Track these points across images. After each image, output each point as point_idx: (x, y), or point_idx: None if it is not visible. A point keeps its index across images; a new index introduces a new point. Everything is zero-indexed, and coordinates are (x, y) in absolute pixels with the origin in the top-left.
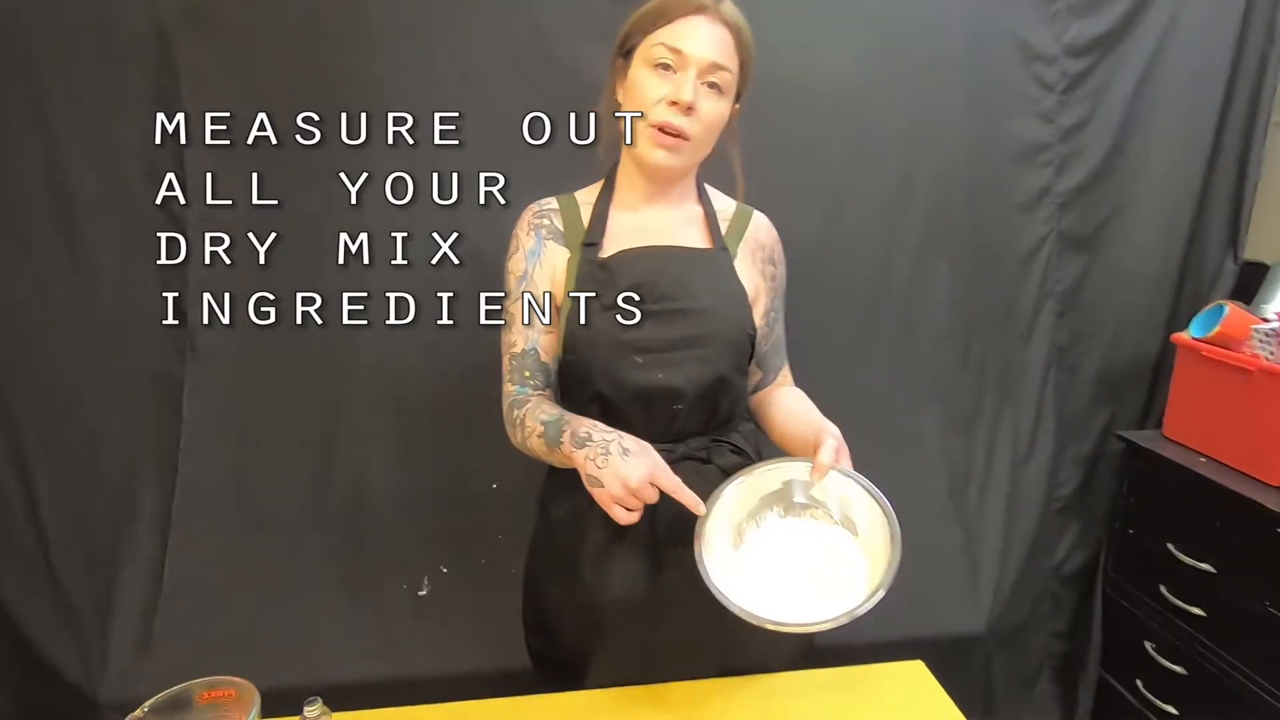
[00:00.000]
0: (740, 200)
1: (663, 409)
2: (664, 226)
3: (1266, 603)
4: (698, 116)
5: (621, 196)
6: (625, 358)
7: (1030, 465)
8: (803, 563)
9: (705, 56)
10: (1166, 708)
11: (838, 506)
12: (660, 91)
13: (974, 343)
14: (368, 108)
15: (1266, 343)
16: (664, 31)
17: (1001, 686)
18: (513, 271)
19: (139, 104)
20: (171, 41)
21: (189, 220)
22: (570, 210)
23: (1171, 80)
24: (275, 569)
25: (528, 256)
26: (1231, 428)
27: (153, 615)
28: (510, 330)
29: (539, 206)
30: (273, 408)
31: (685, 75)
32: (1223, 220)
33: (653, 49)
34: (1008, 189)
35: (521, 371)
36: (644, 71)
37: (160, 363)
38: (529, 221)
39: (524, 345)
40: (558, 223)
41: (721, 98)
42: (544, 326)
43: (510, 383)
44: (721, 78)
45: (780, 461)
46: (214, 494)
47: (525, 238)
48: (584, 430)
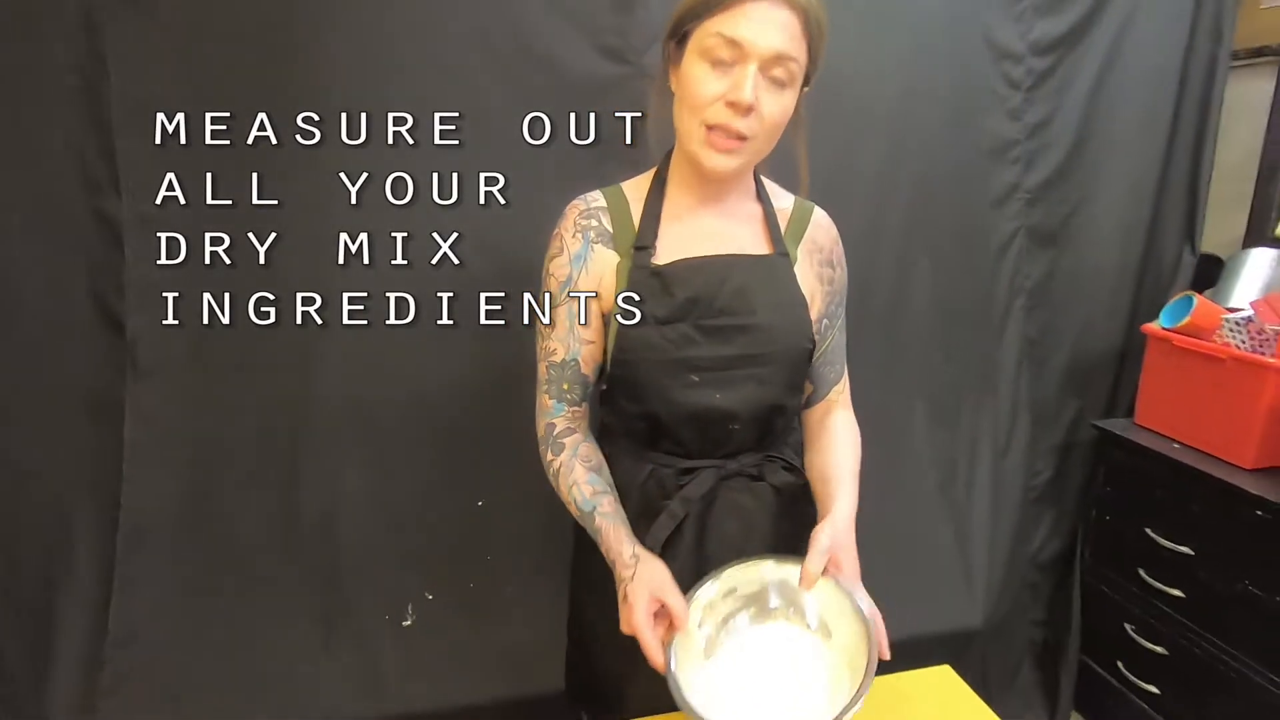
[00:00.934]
0: (804, 195)
1: (717, 429)
2: (721, 230)
3: (1246, 582)
4: (759, 115)
5: (674, 194)
6: (680, 376)
7: (1009, 457)
8: (773, 674)
9: (767, 48)
10: (1149, 687)
11: (816, 611)
12: (716, 89)
13: (954, 338)
14: (323, 102)
15: (1237, 331)
16: (720, 19)
17: (992, 678)
18: (554, 275)
19: (63, 95)
20: (100, 26)
21: (125, 220)
22: (619, 208)
23: (1128, 79)
24: (239, 606)
25: (573, 261)
26: (1204, 414)
27: (98, 669)
28: (550, 338)
29: (585, 204)
30: (228, 426)
31: (744, 70)
32: (1179, 215)
33: (708, 39)
34: (981, 186)
35: (560, 384)
36: (698, 64)
37: (96, 382)
38: (575, 222)
39: (565, 355)
40: (606, 223)
41: (786, 90)
42: (587, 336)
43: (548, 395)
44: (787, 69)
45: (758, 561)
46: (164, 527)
47: (571, 240)
48: (611, 555)
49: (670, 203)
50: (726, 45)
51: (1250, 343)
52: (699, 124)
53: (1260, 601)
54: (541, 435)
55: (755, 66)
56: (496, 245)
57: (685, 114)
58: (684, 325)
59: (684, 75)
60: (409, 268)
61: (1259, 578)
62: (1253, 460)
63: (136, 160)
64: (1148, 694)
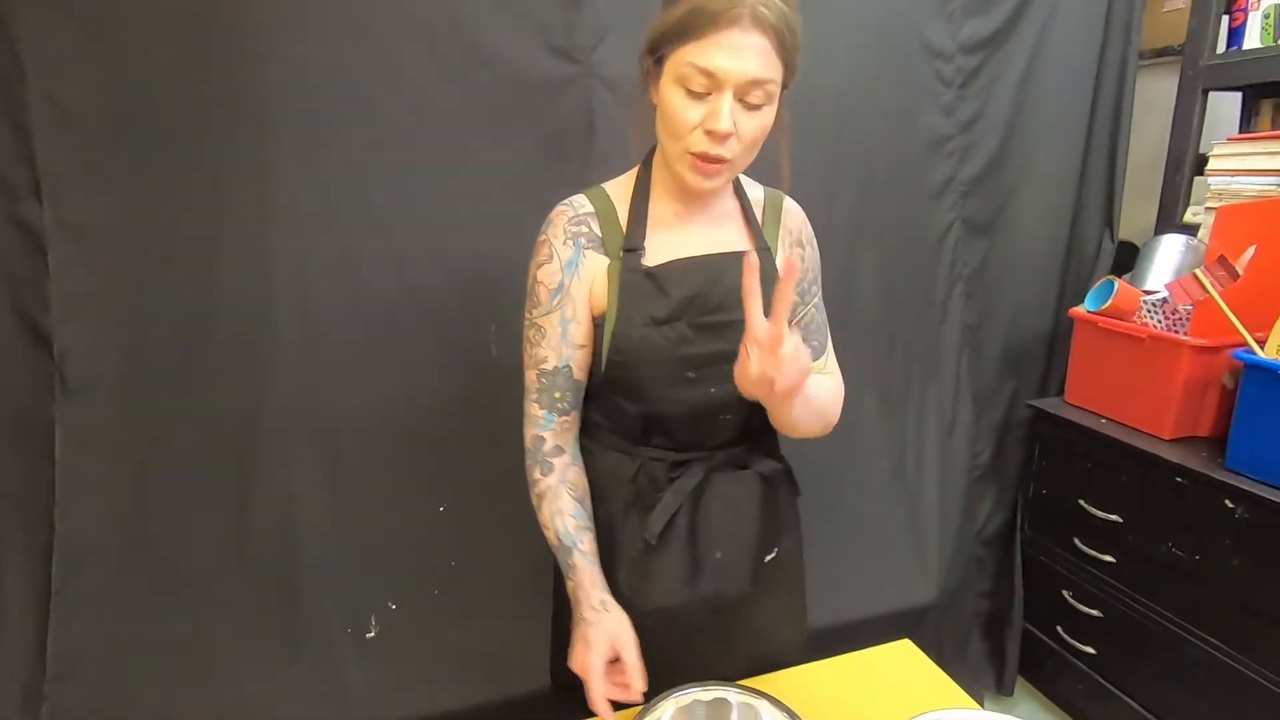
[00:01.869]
0: (786, 191)
1: (710, 420)
2: (706, 229)
3: (1170, 545)
4: (738, 137)
5: (659, 196)
6: (678, 373)
7: (953, 439)
8: None
9: (742, 76)
10: (1085, 648)
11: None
12: (694, 117)
13: (898, 328)
14: (257, 96)
15: (1154, 312)
16: (693, 49)
17: (945, 650)
18: (544, 282)
19: None
20: (12, 23)
21: (47, 228)
22: (607, 212)
23: (1048, 77)
24: (190, 630)
25: (565, 268)
26: (1127, 391)
27: (38, 706)
28: (540, 345)
29: (573, 210)
30: (168, 443)
31: (720, 99)
32: (1099, 204)
33: (682, 68)
34: (919, 179)
35: (552, 392)
36: (675, 92)
37: (21, 400)
38: (565, 228)
39: (557, 362)
40: (596, 228)
41: (764, 109)
42: (579, 342)
43: (538, 404)
44: (764, 91)
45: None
46: (103, 551)
47: (562, 247)
48: (579, 594)
49: (655, 204)
50: (701, 75)
51: (1166, 322)
52: (682, 149)
53: (1182, 562)
54: (529, 447)
55: (731, 94)
56: (448, 248)
57: (667, 136)
58: (680, 324)
59: (663, 99)
60: (355, 273)
61: (1180, 540)
62: (1171, 431)
63: (57, 164)
64: (1086, 655)
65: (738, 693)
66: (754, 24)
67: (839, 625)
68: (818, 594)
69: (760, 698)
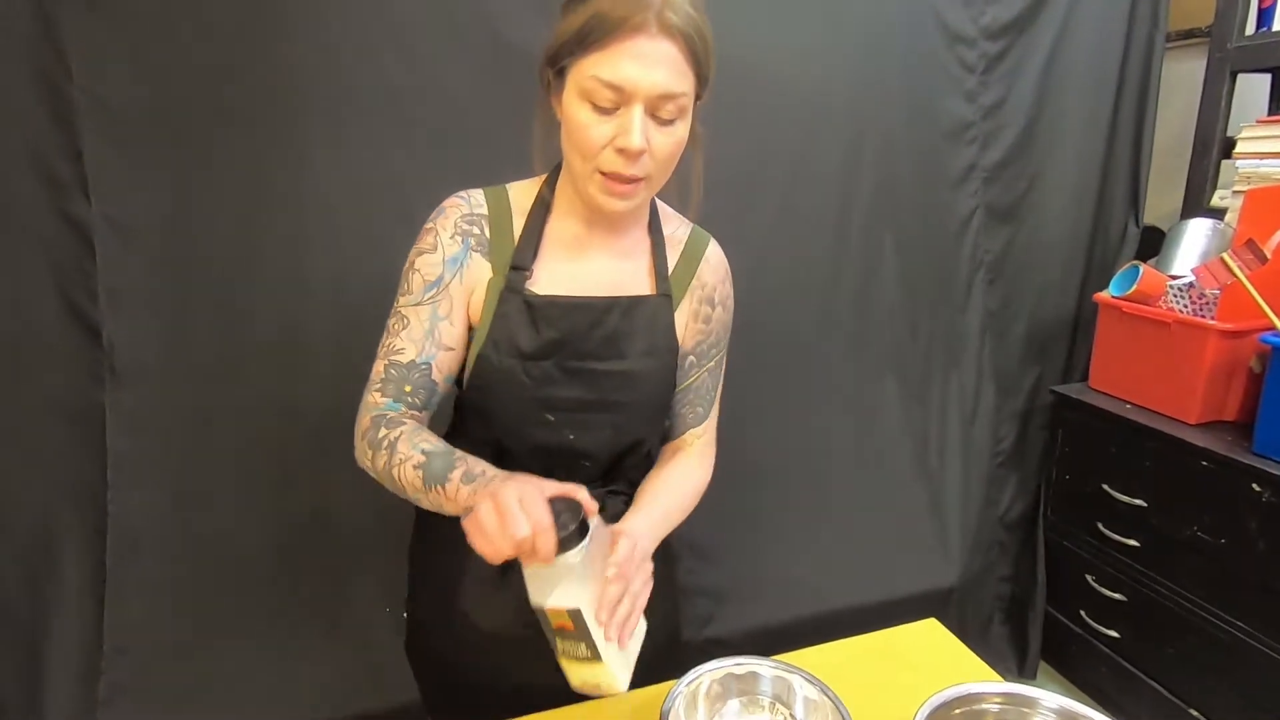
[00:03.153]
0: (693, 217)
1: (565, 465)
2: (604, 263)
3: (1195, 528)
4: (651, 154)
5: (561, 214)
6: (535, 413)
7: (976, 425)
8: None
9: (651, 88)
10: (1109, 632)
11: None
12: (603, 133)
13: (920, 314)
14: (292, 91)
15: (1181, 297)
16: (596, 60)
17: (966, 633)
18: (421, 271)
19: (22, 96)
20: (58, 24)
21: (94, 223)
22: (501, 218)
23: (1073, 61)
24: (236, 609)
25: (448, 263)
26: (1152, 375)
27: (95, 681)
28: (399, 335)
29: (469, 207)
30: (215, 428)
31: (629, 115)
32: (1124, 189)
33: (586, 82)
34: (941, 166)
35: (402, 384)
36: (580, 107)
37: (73, 391)
38: (456, 223)
39: (415, 356)
40: (486, 231)
41: (678, 123)
42: (448, 343)
43: (380, 394)
44: (676, 105)
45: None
46: (154, 534)
47: (449, 241)
48: (478, 468)
49: (556, 223)
50: (607, 89)
51: (1192, 307)
52: (590, 169)
53: (1208, 546)
54: (362, 428)
55: (640, 108)
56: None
57: (574, 155)
58: (547, 364)
59: (567, 114)
60: (390, 263)
61: (1206, 524)
62: (1197, 416)
63: (102, 161)
64: (1109, 638)
65: (771, 666)
66: (662, 30)
67: (860, 607)
68: (838, 576)
69: (793, 671)
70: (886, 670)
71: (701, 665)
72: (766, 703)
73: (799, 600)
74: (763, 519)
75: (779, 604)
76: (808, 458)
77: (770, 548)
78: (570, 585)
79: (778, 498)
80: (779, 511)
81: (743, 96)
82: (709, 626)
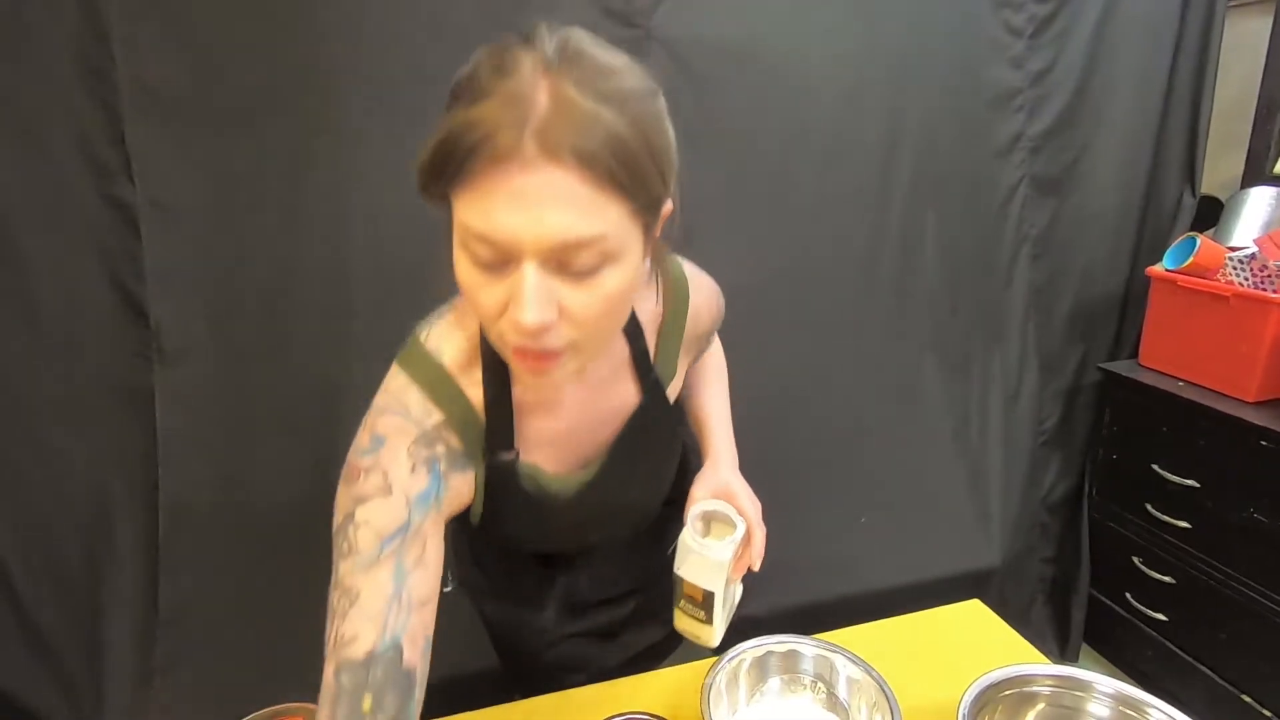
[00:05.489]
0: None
1: (594, 544)
2: (589, 389)
3: (1251, 510)
4: (569, 319)
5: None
6: (560, 545)
7: (1019, 404)
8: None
9: (538, 240)
10: (1157, 615)
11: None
12: (493, 298)
13: (961, 290)
14: (332, 73)
15: (1241, 269)
16: (465, 202)
17: (1008, 614)
18: (370, 523)
19: (67, 81)
20: (102, 10)
21: (139, 206)
22: (459, 409)
23: (1128, 23)
24: (283, 580)
25: (415, 504)
26: (1208, 352)
27: (150, 647)
28: (347, 617)
29: (417, 427)
30: (261, 405)
31: (520, 278)
32: (1179, 157)
33: (459, 230)
34: (985, 136)
35: (357, 697)
36: (461, 261)
37: (123, 371)
38: (410, 453)
39: (374, 643)
40: (454, 441)
41: (604, 270)
42: (424, 598)
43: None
44: (592, 252)
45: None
46: (204, 508)
47: (410, 479)
48: None
49: (519, 385)
50: (484, 246)
51: (1253, 279)
52: (496, 335)
53: (1264, 528)
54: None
55: (533, 267)
56: None
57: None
58: (561, 527)
59: (455, 264)
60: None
61: (1264, 505)
62: (1255, 393)
63: (147, 145)
64: (1156, 622)
65: (813, 644)
66: (545, 154)
67: (901, 587)
68: (878, 555)
69: (835, 650)
70: (929, 651)
71: (742, 643)
72: (809, 681)
73: (837, 580)
74: (802, 498)
75: (817, 583)
76: (847, 437)
77: (809, 527)
78: (713, 573)
79: (818, 477)
80: (818, 491)
81: (776, 69)
82: (747, 605)
